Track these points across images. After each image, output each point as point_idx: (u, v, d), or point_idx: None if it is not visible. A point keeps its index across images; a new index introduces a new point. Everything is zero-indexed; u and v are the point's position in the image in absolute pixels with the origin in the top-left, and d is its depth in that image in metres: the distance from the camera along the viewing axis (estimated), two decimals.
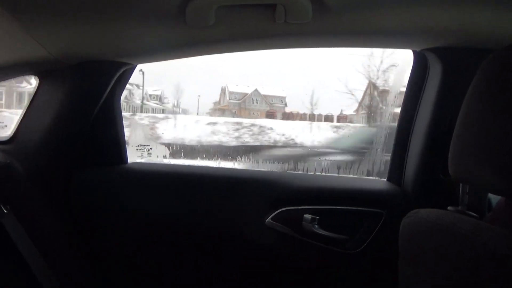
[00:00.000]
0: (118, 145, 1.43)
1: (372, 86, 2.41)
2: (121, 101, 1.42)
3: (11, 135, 1.31)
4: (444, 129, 1.15)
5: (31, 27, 1.00)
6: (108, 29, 1.05)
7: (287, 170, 1.69)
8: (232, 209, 1.31)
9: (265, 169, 1.66)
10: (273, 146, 2.46)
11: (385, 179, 1.37)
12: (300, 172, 1.63)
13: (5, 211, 1.06)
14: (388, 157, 1.39)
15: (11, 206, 1.08)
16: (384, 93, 2.29)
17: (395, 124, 1.35)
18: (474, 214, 0.78)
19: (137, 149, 1.56)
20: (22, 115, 1.30)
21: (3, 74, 1.25)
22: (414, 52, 1.25)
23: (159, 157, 1.68)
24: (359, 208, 1.26)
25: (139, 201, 1.36)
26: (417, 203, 1.11)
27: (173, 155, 1.78)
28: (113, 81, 1.27)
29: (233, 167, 1.65)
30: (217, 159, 1.84)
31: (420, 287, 0.78)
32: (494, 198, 1.11)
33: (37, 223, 1.20)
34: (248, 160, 1.75)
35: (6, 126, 1.44)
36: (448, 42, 1.12)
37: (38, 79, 1.27)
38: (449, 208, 0.83)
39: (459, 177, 0.74)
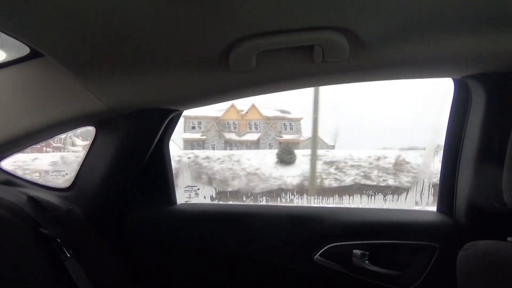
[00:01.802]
0: (167, 187, 1.50)
1: None
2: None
3: (71, 182, 1.41)
4: (494, 155, 1.12)
5: (87, 80, 1.10)
6: (159, 79, 1.13)
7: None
8: (281, 246, 1.31)
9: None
10: None
11: (435, 210, 1.33)
12: (347, 206, 1.61)
13: (68, 255, 1.12)
14: None
15: (73, 250, 1.14)
16: None
17: None
18: None
19: (185, 190, 1.62)
20: (81, 164, 1.40)
21: (62, 128, 1.34)
22: (454, 80, 1.24)
23: None
24: (410, 242, 1.23)
25: (188, 239, 1.39)
26: (472, 234, 1.06)
27: None
28: (163, 127, 1.35)
29: (279, 204, 1.66)
30: None
31: None
32: None
33: (96, 265, 1.25)
34: None
35: (67, 174, 1.55)
36: (489, 68, 1.11)
37: (94, 129, 1.38)
38: (508, 239, 0.79)
39: None
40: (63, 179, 1.52)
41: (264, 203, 1.70)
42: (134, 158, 1.37)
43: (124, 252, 1.41)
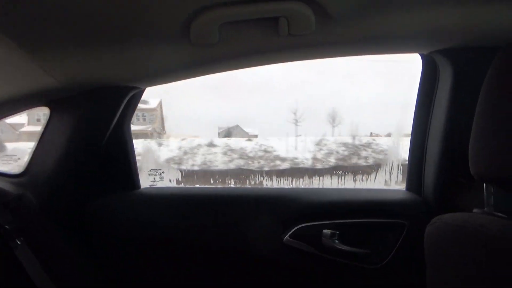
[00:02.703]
0: (130, 170, 1.43)
1: None
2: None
3: (25, 167, 1.32)
4: (460, 131, 1.12)
5: (36, 56, 1.01)
6: (115, 54, 1.05)
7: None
8: (248, 228, 1.28)
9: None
10: None
11: (404, 189, 1.33)
12: (315, 187, 1.60)
13: (19, 243, 1.05)
14: None
15: (25, 238, 1.07)
16: None
17: None
18: (502, 215, 0.74)
19: (149, 173, 1.55)
20: (35, 147, 1.31)
21: (14, 107, 1.26)
22: (421, 55, 1.23)
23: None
24: (380, 220, 1.22)
25: (153, 225, 1.34)
26: (440, 210, 1.07)
27: None
28: (122, 106, 1.28)
29: (247, 186, 1.63)
30: None
31: None
32: None
33: (51, 254, 1.19)
34: None
35: (19, 159, 1.45)
36: (456, 43, 1.09)
37: (48, 110, 1.29)
38: (474, 210, 0.79)
39: (482, 178, 0.71)
40: (16, 164, 1.42)
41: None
42: (92, 140, 1.29)
43: (85, 240, 1.34)
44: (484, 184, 0.79)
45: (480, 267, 0.65)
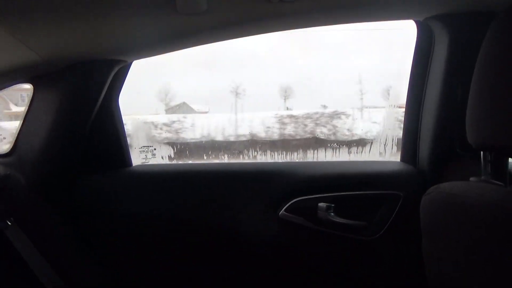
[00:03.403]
0: (120, 147, 1.40)
1: None
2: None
3: (11, 147, 1.28)
4: (456, 100, 1.09)
5: (17, 30, 0.96)
6: (98, 26, 1.01)
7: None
8: (244, 203, 1.27)
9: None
10: None
11: (399, 160, 1.32)
12: (310, 160, 1.58)
13: (9, 223, 1.02)
14: None
15: (15, 217, 1.05)
16: None
17: None
18: (500, 183, 0.73)
19: (140, 151, 1.52)
20: (20, 125, 1.27)
21: None
22: (417, 22, 1.19)
23: None
24: (375, 192, 1.21)
25: (145, 203, 1.32)
26: (435, 180, 1.06)
27: None
28: (108, 81, 1.23)
29: (241, 161, 1.60)
30: None
31: (448, 262, 0.74)
32: None
33: (42, 233, 1.17)
34: None
35: (5, 138, 1.42)
36: (452, 8, 1.06)
37: (32, 87, 1.24)
38: (471, 179, 0.77)
39: (480, 145, 0.70)
40: (1, 144, 1.39)
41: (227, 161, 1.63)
42: (78, 117, 1.25)
43: (74, 219, 1.32)
44: (482, 152, 0.77)
45: (478, 236, 0.65)
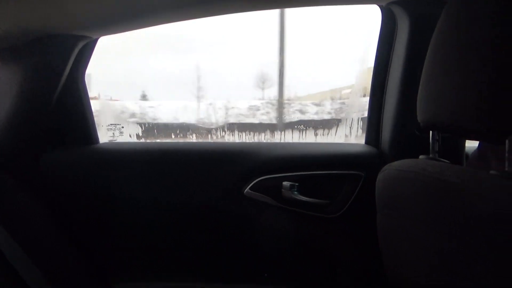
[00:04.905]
0: (86, 124, 1.38)
1: None
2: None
3: None
4: (416, 85, 1.13)
5: None
6: (60, 1, 0.98)
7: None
8: (209, 182, 1.28)
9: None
10: None
11: (363, 143, 1.36)
12: (276, 141, 1.60)
13: None
14: None
15: None
16: None
17: None
18: (445, 160, 0.77)
19: (107, 128, 1.51)
20: None
21: None
22: (380, 7, 1.22)
23: None
24: (338, 172, 1.25)
25: (113, 181, 1.31)
26: (394, 160, 1.10)
27: None
28: (73, 57, 1.21)
29: (207, 141, 1.61)
30: None
31: (399, 233, 0.78)
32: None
33: (8, 210, 1.15)
34: None
35: None
36: None
37: None
38: (420, 156, 0.82)
39: (428, 125, 0.73)
40: None
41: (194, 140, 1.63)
42: (41, 91, 1.22)
43: (41, 197, 1.30)
44: (431, 131, 0.81)
45: (422, 208, 0.69)
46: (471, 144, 1.17)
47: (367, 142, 1.34)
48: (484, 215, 0.55)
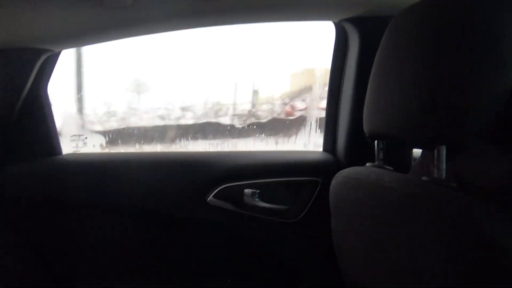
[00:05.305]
0: (49, 135, 1.38)
1: None
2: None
3: None
4: (359, 95, 1.21)
5: None
6: (21, 13, 0.99)
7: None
8: (173, 191, 1.32)
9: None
10: None
11: (321, 150, 1.43)
12: (238, 150, 1.65)
13: None
14: None
15: None
16: None
17: None
18: (389, 168, 0.83)
19: (71, 139, 1.51)
20: None
21: None
22: (334, 23, 1.29)
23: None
24: (296, 179, 1.31)
25: (76, 192, 1.32)
26: (348, 167, 1.17)
27: None
28: (35, 70, 1.22)
29: (170, 151, 1.64)
30: None
31: (348, 238, 0.84)
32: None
33: None
34: None
35: None
36: (362, 12, 1.17)
37: None
38: (367, 164, 0.88)
39: (372, 134, 0.79)
40: None
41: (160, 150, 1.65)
42: (3, 106, 1.22)
43: (3, 210, 1.29)
44: (376, 140, 0.88)
45: (365, 212, 0.75)
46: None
47: (324, 149, 1.42)
48: (414, 217, 0.62)
